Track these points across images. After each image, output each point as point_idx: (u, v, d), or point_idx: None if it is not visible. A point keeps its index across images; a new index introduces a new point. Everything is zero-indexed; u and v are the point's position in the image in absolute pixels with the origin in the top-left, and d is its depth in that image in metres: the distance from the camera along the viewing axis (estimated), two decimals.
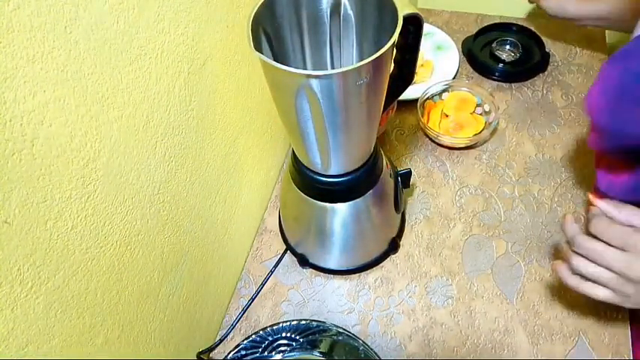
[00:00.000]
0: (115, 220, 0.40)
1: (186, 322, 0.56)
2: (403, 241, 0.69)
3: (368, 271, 0.67)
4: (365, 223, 0.61)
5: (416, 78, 0.86)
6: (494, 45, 0.89)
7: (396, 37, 0.38)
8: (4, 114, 0.27)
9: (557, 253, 0.66)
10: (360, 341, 0.58)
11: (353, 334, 0.59)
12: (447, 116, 0.80)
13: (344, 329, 0.59)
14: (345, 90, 0.39)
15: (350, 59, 0.50)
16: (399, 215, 0.68)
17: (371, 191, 0.57)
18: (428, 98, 0.82)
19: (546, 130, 0.79)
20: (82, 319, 0.37)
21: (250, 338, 0.60)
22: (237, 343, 0.60)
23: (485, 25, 0.94)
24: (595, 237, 0.48)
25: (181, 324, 0.54)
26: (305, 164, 0.54)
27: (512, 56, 0.89)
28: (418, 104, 0.79)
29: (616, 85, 0.43)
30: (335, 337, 0.59)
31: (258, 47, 0.39)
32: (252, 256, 0.70)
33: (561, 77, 0.86)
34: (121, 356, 0.43)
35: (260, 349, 0.59)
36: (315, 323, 0.60)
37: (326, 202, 0.56)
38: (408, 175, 0.62)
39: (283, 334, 0.60)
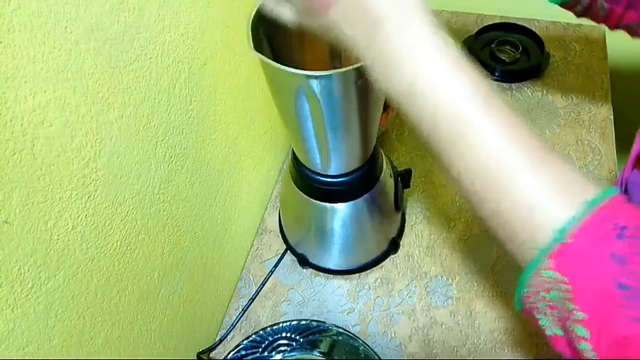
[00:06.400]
0: (115, 220, 0.40)
1: (186, 322, 0.56)
2: (403, 241, 0.69)
3: (368, 271, 0.67)
4: (365, 223, 0.61)
5: None
6: (494, 45, 0.89)
7: None
8: (4, 114, 0.27)
9: None
10: (360, 341, 0.58)
11: (353, 334, 0.59)
12: None
13: (344, 329, 0.59)
14: (345, 90, 0.39)
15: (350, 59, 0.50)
16: (399, 215, 0.68)
17: (371, 191, 0.57)
18: None
19: (546, 130, 0.79)
20: (82, 319, 0.37)
21: (250, 338, 0.60)
22: (237, 343, 0.60)
23: (486, 25, 0.94)
24: None
25: (181, 324, 0.54)
26: (305, 164, 0.54)
27: (512, 56, 0.88)
28: None
29: None
30: (335, 337, 0.59)
31: (258, 47, 0.39)
32: (252, 256, 0.70)
33: (561, 77, 0.86)
34: (121, 356, 0.43)
35: (260, 349, 0.59)
36: (315, 323, 0.60)
37: (326, 202, 0.56)
38: (408, 175, 0.62)
39: (283, 334, 0.60)
